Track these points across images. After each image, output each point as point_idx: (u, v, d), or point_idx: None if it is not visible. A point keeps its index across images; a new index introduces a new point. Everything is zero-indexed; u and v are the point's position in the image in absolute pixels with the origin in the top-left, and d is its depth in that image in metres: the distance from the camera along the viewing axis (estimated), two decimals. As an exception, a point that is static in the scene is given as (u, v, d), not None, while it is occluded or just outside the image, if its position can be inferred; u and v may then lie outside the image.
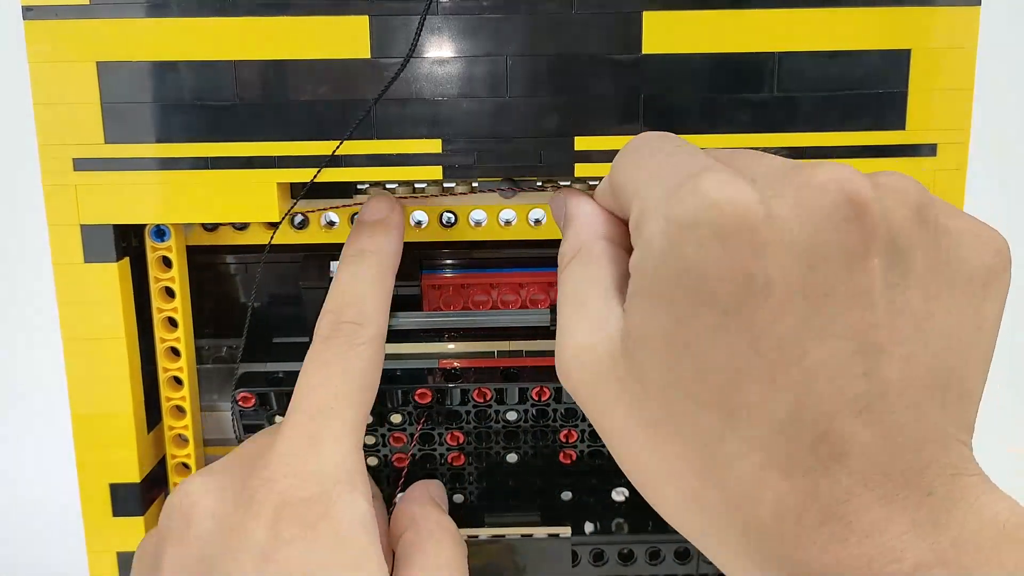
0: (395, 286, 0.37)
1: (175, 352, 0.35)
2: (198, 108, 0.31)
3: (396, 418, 0.37)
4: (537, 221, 0.36)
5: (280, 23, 0.31)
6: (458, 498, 0.39)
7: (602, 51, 0.31)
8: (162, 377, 0.35)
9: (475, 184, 0.37)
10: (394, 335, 0.37)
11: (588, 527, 0.39)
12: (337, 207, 0.36)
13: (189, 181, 0.32)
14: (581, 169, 0.32)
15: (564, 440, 0.38)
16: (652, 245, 0.22)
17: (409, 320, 0.37)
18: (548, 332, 0.37)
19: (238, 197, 0.32)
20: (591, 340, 0.24)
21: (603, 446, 0.38)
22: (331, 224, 0.36)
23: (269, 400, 0.37)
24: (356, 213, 0.36)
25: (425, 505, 0.33)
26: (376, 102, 0.31)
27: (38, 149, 0.32)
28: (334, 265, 0.36)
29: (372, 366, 0.31)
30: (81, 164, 0.32)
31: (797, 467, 0.20)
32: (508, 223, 0.36)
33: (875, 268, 0.21)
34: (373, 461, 0.39)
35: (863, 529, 0.20)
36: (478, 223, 0.36)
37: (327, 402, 0.28)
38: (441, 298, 0.37)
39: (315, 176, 0.32)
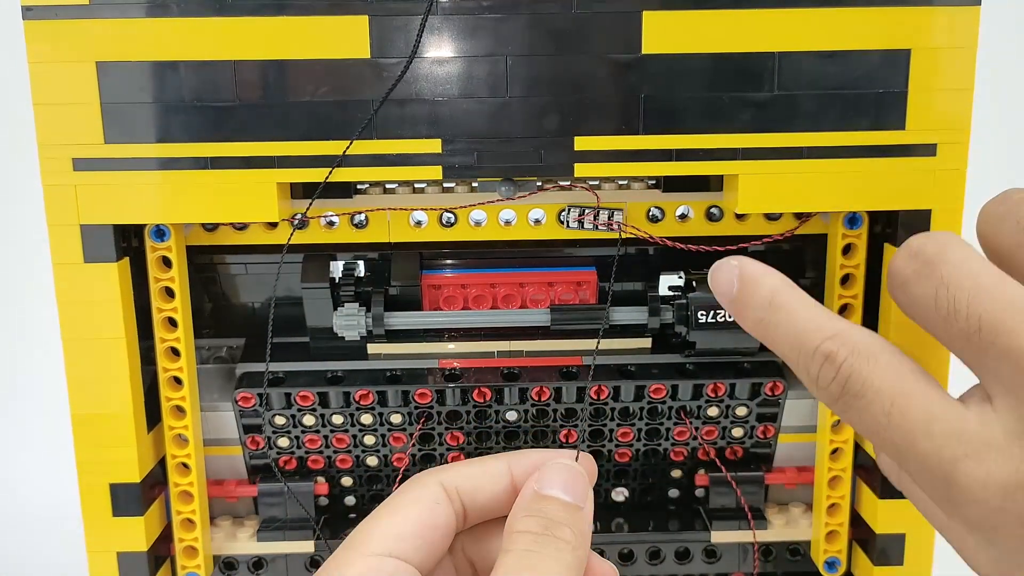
0: (395, 286, 0.37)
1: (175, 352, 0.35)
2: (198, 108, 0.31)
3: (396, 418, 0.37)
4: (537, 221, 0.36)
5: (280, 23, 0.31)
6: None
7: (602, 51, 0.31)
8: (162, 377, 0.35)
9: (475, 184, 0.37)
10: (394, 335, 0.37)
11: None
12: (347, 209, 0.36)
13: (189, 181, 0.32)
14: (581, 169, 0.32)
15: (564, 440, 0.38)
16: None
17: (409, 320, 0.37)
18: (548, 332, 0.37)
19: (238, 197, 0.32)
20: None
21: (602, 446, 0.38)
22: (331, 224, 0.36)
23: (269, 400, 0.37)
24: (355, 214, 0.36)
25: None
26: (382, 103, 0.31)
27: (38, 149, 0.32)
28: (334, 265, 0.37)
29: None
30: (81, 164, 0.32)
31: None
32: (508, 223, 0.36)
33: None
34: (373, 461, 0.39)
35: None
36: (478, 223, 0.36)
37: None
38: (441, 298, 0.37)
39: (327, 177, 0.32)
